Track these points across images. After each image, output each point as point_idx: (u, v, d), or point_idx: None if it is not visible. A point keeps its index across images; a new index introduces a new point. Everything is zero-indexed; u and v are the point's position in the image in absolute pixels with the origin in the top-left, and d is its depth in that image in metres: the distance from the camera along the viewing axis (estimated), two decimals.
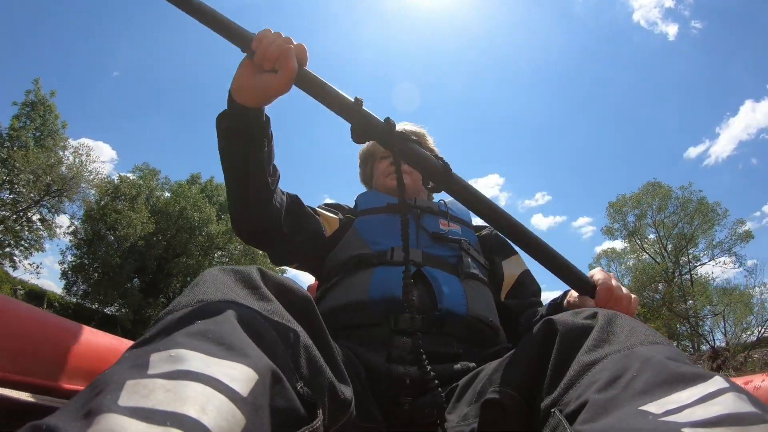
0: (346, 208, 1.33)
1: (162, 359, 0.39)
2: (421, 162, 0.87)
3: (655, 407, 0.42)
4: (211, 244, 21.98)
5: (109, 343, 0.65)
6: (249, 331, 0.47)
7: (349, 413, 0.62)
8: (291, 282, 0.63)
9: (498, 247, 1.28)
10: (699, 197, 20.77)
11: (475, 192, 0.89)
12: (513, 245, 1.13)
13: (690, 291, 19.73)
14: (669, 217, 21.56)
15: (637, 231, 22.25)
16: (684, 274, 21.07)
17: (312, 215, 1.17)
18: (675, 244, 21.34)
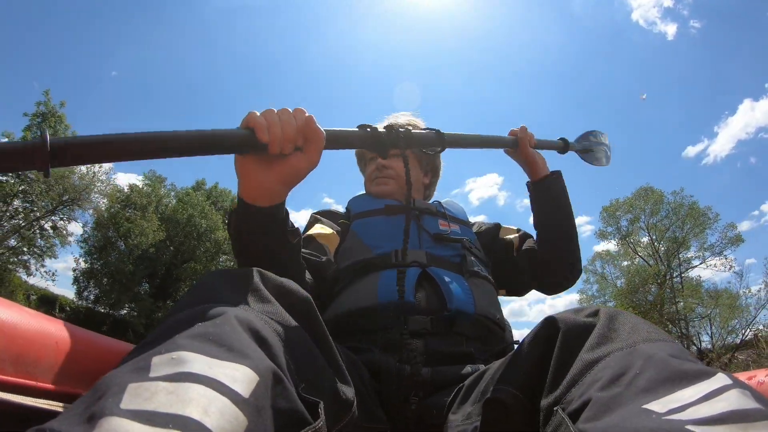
0: (338, 213, 1.30)
1: (163, 362, 0.38)
2: (422, 141, 1.00)
3: (659, 405, 0.41)
4: (218, 249, 22.28)
5: (111, 347, 0.64)
6: (250, 333, 0.47)
7: (351, 413, 0.61)
8: (291, 284, 0.62)
9: (492, 231, 1.32)
10: (690, 202, 21.14)
11: (467, 136, 1.11)
12: (498, 223, 1.37)
13: (681, 293, 19.84)
14: (661, 221, 21.75)
15: (630, 235, 22.42)
16: (675, 276, 21.24)
17: (324, 264, 1.05)
18: (667, 247, 21.52)
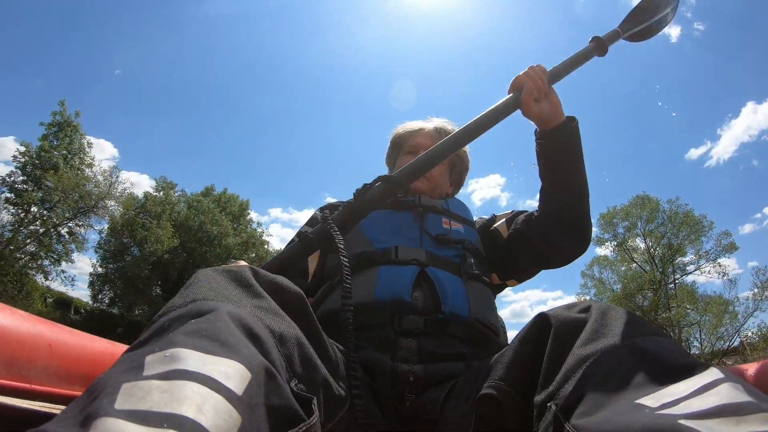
0: (340, 206, 1.31)
1: (157, 360, 0.38)
2: (379, 198, 0.96)
3: (652, 400, 0.41)
4: (228, 254, 22.79)
5: (106, 348, 0.64)
6: (242, 329, 0.46)
7: (345, 409, 0.61)
8: (284, 280, 0.62)
9: (488, 223, 1.27)
10: (685, 210, 21.58)
11: (422, 158, 1.00)
12: (493, 215, 1.30)
13: (674, 300, 20.11)
14: (657, 228, 22.10)
15: (626, 241, 22.77)
16: (669, 283, 21.57)
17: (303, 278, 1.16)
18: (662, 254, 21.86)
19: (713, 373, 0.43)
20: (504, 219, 1.24)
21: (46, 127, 18.48)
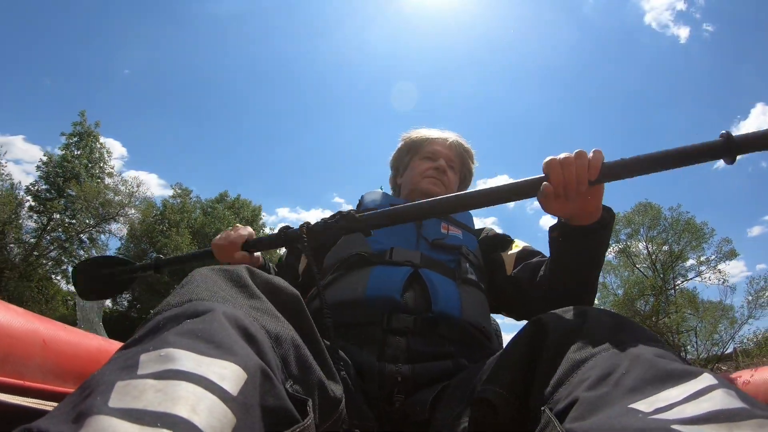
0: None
1: (151, 359, 0.37)
2: (339, 231, 0.95)
3: (645, 405, 0.40)
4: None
5: (100, 345, 0.64)
6: (238, 330, 0.45)
7: (340, 411, 0.60)
8: (280, 281, 0.61)
9: (498, 244, 1.22)
10: (687, 218, 21.88)
11: (413, 207, 0.92)
12: (510, 236, 1.23)
13: (673, 305, 20.27)
14: (659, 234, 22.37)
15: (628, 248, 23.04)
16: (669, 289, 21.77)
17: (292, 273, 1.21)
18: (664, 260, 22.08)
19: (707, 379, 0.42)
20: (515, 253, 1.16)
21: (66, 137, 19.56)
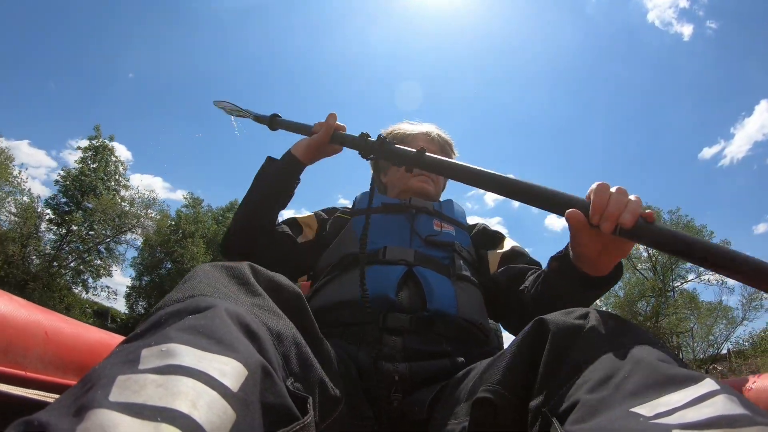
0: (338, 209, 1.29)
1: (153, 354, 0.37)
2: (399, 155, 0.98)
3: (646, 409, 0.40)
4: None
5: (101, 338, 0.64)
6: (240, 326, 0.45)
7: (340, 409, 0.59)
8: (282, 278, 0.61)
9: (488, 240, 1.21)
10: (686, 221, 22.48)
11: (445, 162, 0.94)
12: (501, 233, 1.24)
13: (671, 307, 20.61)
14: None
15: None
16: (668, 290, 22.10)
17: (290, 237, 1.18)
18: (664, 262, 22.45)
19: (709, 385, 0.41)
20: (501, 253, 1.15)
21: (82, 151, 20.53)
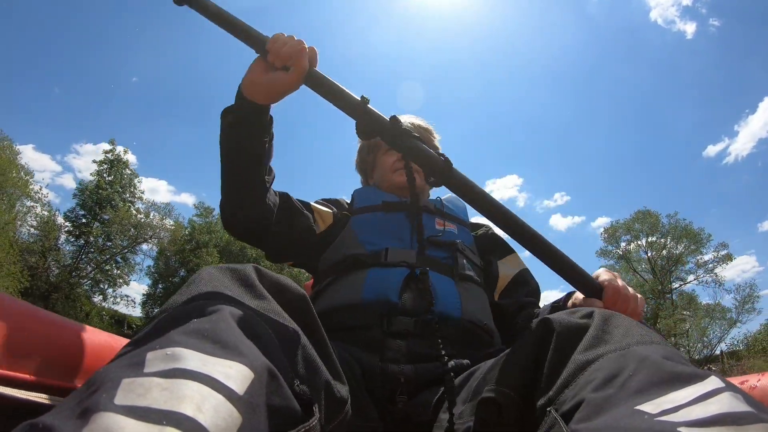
0: (343, 203, 1.23)
1: (158, 357, 0.36)
2: (425, 158, 0.82)
3: (651, 407, 0.39)
4: None
5: (105, 341, 0.64)
6: (245, 330, 0.44)
7: (345, 412, 0.58)
8: (287, 280, 0.59)
9: (494, 247, 1.18)
10: (684, 224, 22.79)
11: (474, 187, 0.82)
12: (511, 244, 1.16)
13: (672, 307, 20.86)
14: (658, 240, 23.25)
15: (629, 254, 23.92)
16: (667, 293, 22.43)
17: (302, 212, 1.09)
18: (663, 265, 22.80)
19: (714, 382, 0.40)
20: (512, 276, 1.13)
21: (98, 164, 21.60)
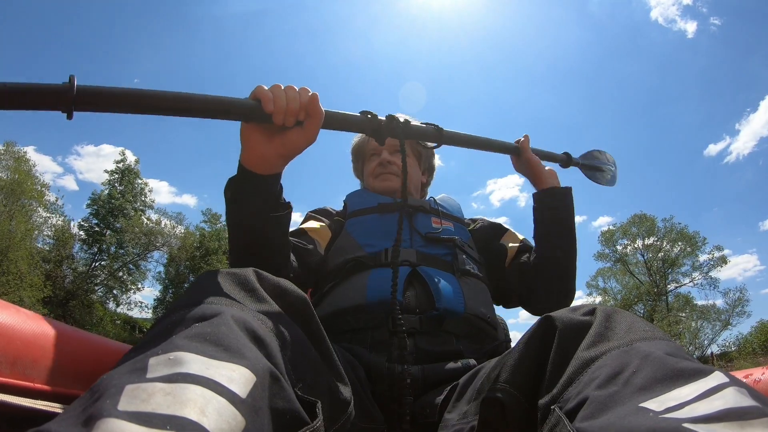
0: (333, 211, 1.22)
1: (160, 362, 0.36)
2: (420, 132, 0.98)
3: (656, 404, 0.38)
4: None
5: (109, 347, 0.64)
6: (247, 333, 0.44)
7: (349, 413, 0.57)
8: (288, 284, 0.59)
9: (492, 231, 1.21)
10: (680, 228, 23.18)
11: (464, 136, 1.06)
12: (502, 225, 1.26)
13: (661, 313, 21.13)
14: (655, 243, 23.60)
15: (626, 257, 24.28)
16: (662, 294, 22.71)
17: (306, 248, 1.03)
18: (658, 267, 23.10)
19: (718, 377, 0.40)
20: (517, 245, 1.19)
21: (109, 174, 22.14)
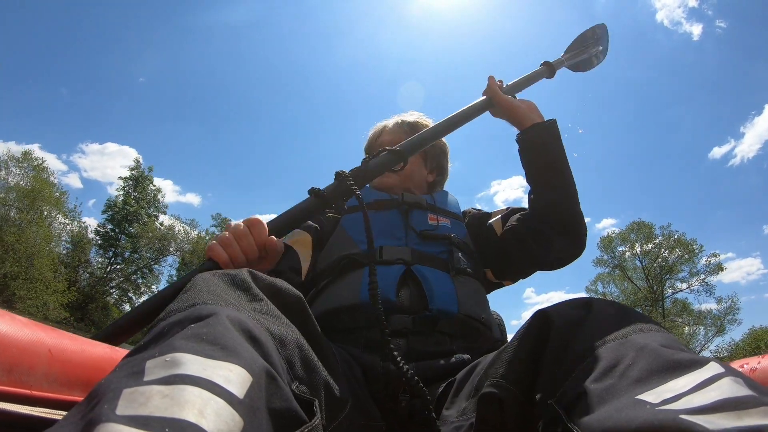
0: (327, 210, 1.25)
1: (157, 365, 0.36)
2: (381, 167, 1.00)
3: (652, 396, 0.38)
4: None
5: (106, 353, 0.63)
6: (242, 333, 0.43)
7: (346, 411, 0.57)
8: (283, 283, 0.58)
9: (479, 220, 1.17)
10: (677, 236, 23.67)
11: (422, 134, 1.08)
12: (488, 212, 1.24)
13: (665, 314, 21.46)
14: (652, 250, 24.06)
15: (624, 263, 24.77)
16: (659, 300, 23.15)
17: (300, 272, 1.05)
18: (655, 274, 23.53)
19: (714, 368, 0.40)
20: (500, 215, 1.14)
21: (123, 181, 23.07)
